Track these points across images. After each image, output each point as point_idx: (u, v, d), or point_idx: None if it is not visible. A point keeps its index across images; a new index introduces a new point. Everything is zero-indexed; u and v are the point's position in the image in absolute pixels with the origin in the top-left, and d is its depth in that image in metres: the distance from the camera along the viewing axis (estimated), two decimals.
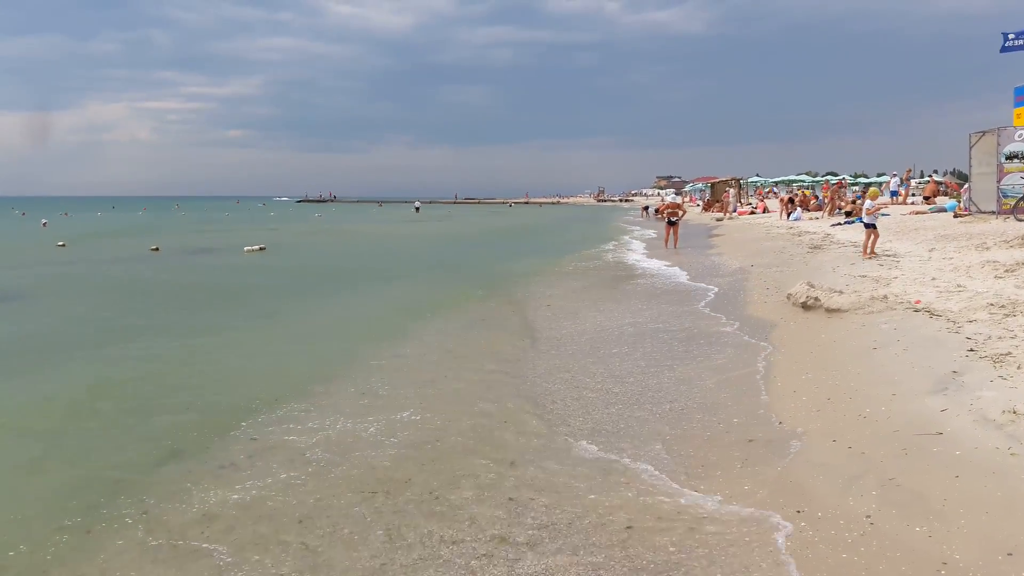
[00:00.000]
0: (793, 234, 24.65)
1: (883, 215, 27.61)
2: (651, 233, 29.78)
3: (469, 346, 10.59)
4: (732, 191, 49.14)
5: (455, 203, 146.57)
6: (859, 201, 32.42)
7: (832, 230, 24.37)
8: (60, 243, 32.57)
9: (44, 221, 56.63)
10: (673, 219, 26.39)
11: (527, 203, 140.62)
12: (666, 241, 26.28)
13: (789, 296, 11.37)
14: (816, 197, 39.38)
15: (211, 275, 21.84)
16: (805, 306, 10.74)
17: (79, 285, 19.10)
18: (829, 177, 60.99)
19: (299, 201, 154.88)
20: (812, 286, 11.13)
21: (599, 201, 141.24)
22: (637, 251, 26.73)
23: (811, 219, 31.69)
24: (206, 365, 9.72)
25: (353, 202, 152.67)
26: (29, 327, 12.87)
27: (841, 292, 10.82)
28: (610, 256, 25.15)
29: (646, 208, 65.26)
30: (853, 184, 60.19)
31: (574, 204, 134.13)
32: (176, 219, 69.32)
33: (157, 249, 29.47)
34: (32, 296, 16.69)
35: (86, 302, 15.88)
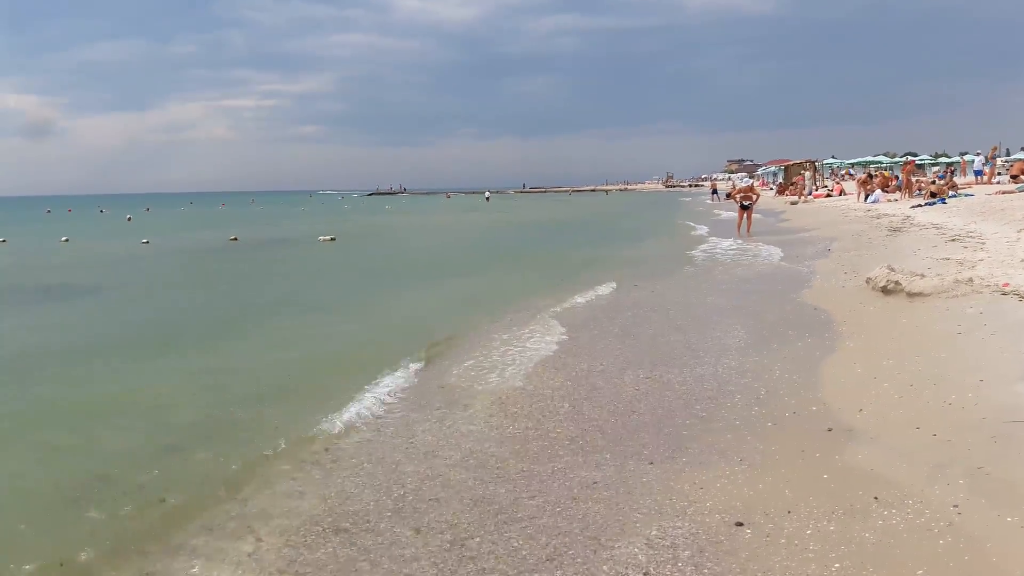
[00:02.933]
0: (871, 217, 23.94)
1: (966, 195, 26.68)
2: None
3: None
4: (807, 174, 47.98)
5: (522, 192, 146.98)
6: (941, 182, 31.31)
7: (912, 212, 23.57)
8: (144, 240, 33.83)
9: (128, 216, 59.34)
10: (746, 203, 25.80)
11: (593, 191, 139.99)
12: (738, 226, 25.78)
13: (868, 280, 11.06)
14: (896, 178, 38.12)
15: (288, 264, 22.44)
16: (885, 290, 10.43)
17: (163, 275, 19.95)
18: (908, 157, 58.91)
19: (370, 194, 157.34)
20: (892, 269, 10.80)
21: (668, 187, 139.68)
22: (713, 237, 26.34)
23: (889, 201, 30.71)
24: (297, 349, 10.09)
25: (422, 194, 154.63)
26: (122, 316, 13.59)
27: (923, 275, 10.47)
28: (691, 235, 24.84)
29: (715, 191, 64.26)
30: (933, 164, 58.06)
31: (642, 191, 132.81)
32: (255, 212, 71.37)
33: (235, 239, 30.71)
34: (121, 286, 17.44)
35: (170, 292, 16.57)
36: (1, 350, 10.74)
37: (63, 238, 34.55)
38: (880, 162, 61.27)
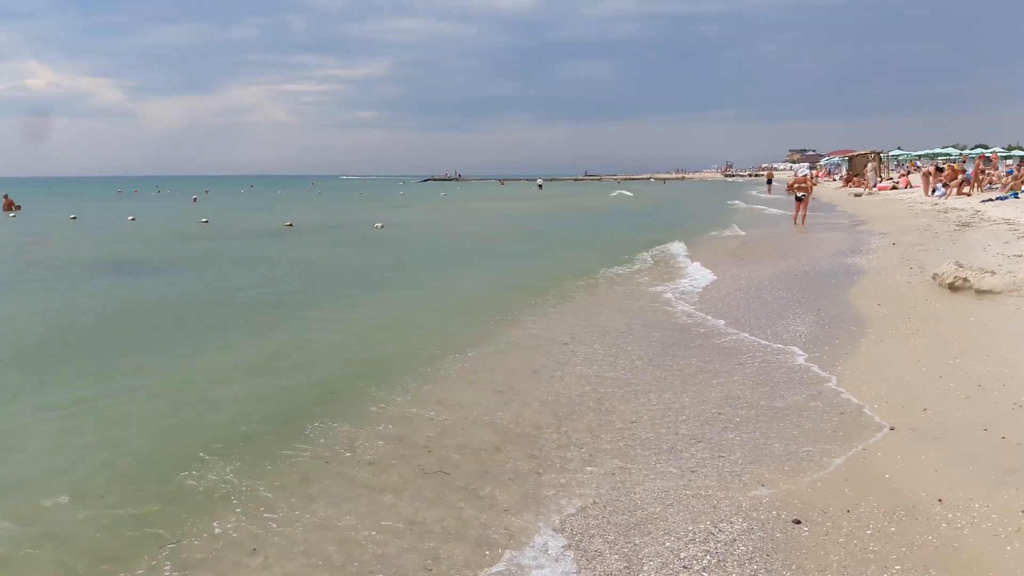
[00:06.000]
0: (939, 211, 23.23)
1: None
2: None
3: None
4: (871, 165, 46.77)
5: (578, 180, 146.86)
6: (1009, 176, 30.18)
7: (982, 207, 22.79)
8: (203, 220, 34.70)
9: (195, 197, 61.15)
10: (800, 194, 25.34)
11: (649, 179, 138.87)
12: (795, 218, 25.33)
13: (935, 276, 10.73)
14: (964, 171, 36.86)
15: (352, 250, 22.73)
16: (952, 287, 10.12)
17: (221, 258, 20.46)
18: (980, 150, 56.86)
19: (424, 180, 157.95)
20: (960, 266, 10.45)
21: (727, 176, 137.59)
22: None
23: (959, 195, 29.75)
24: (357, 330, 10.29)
25: (477, 180, 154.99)
26: (183, 296, 14.02)
27: (993, 272, 10.11)
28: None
29: (769, 181, 63.33)
30: (1006, 157, 55.96)
31: (698, 180, 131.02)
32: (315, 197, 72.54)
33: (290, 225, 31.21)
34: (183, 267, 17.90)
35: (230, 274, 16.96)
36: (69, 323, 11.12)
37: (129, 217, 36.13)
38: (949, 154, 59.24)
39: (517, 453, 5.75)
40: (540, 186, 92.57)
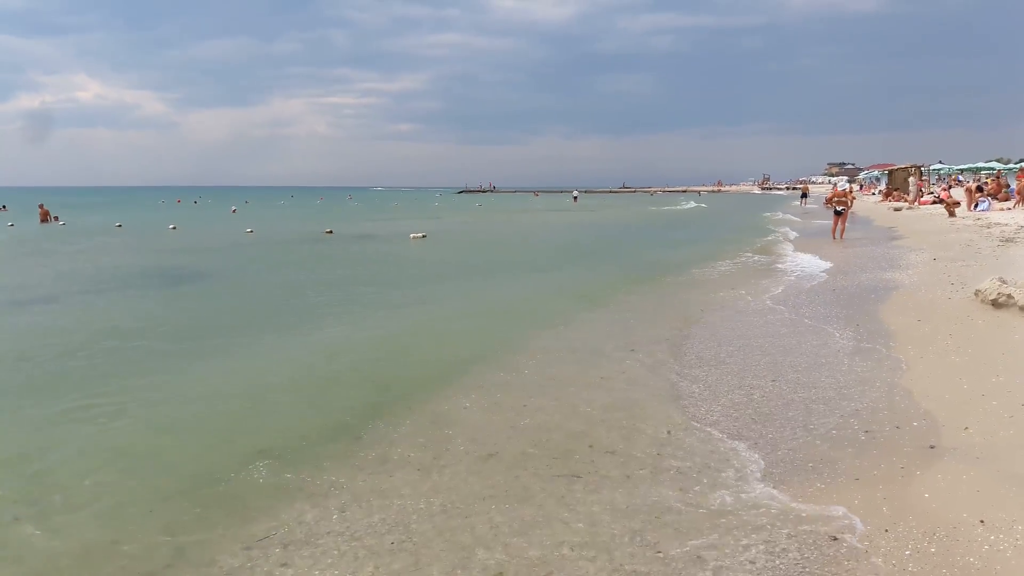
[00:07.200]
0: (981, 226, 22.78)
1: None
2: None
3: None
4: (912, 179, 46.08)
5: (612, 192, 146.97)
6: None
7: None
8: (248, 230, 35.34)
9: (233, 208, 62.19)
10: (839, 208, 24.95)
11: (685, 191, 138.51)
12: (833, 232, 24.98)
13: (977, 292, 10.54)
14: (1008, 185, 36.15)
15: (394, 257, 22.96)
16: (996, 303, 9.93)
17: (269, 264, 20.94)
18: None
19: (459, 192, 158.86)
20: (1004, 282, 10.25)
21: (764, 189, 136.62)
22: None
23: (1002, 210, 29.18)
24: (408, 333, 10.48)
25: (511, 192, 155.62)
26: (236, 301, 14.55)
27: None
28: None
29: (804, 195, 62.53)
30: None
31: (745, 193, 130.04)
32: (350, 209, 73.38)
33: (331, 232, 32.03)
34: (229, 274, 18.23)
35: (277, 279, 17.27)
36: (127, 329, 11.36)
37: (171, 226, 37.22)
38: (992, 168, 58.10)
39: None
40: (575, 198, 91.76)
